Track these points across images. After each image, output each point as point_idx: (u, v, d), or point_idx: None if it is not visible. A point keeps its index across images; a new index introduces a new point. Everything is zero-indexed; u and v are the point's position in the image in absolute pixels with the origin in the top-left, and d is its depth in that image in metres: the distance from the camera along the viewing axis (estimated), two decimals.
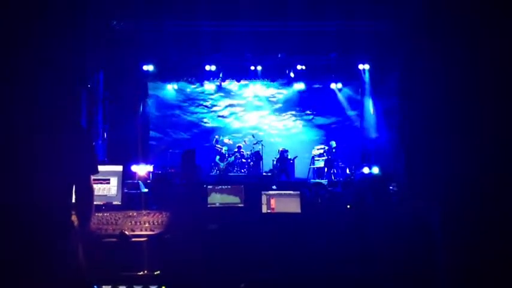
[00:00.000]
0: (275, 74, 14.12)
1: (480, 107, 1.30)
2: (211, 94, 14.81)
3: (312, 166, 13.16)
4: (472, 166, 1.35)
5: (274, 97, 15.00)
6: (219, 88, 14.68)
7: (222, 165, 12.60)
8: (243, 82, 14.45)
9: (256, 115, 14.97)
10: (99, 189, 3.15)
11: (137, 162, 9.23)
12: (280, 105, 15.00)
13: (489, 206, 1.39)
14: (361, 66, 13.21)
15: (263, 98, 14.98)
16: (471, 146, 1.33)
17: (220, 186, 3.90)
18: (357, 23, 10.24)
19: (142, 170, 8.89)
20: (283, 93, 14.96)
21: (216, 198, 3.83)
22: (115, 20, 9.83)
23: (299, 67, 13.21)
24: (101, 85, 10.44)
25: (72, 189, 1.81)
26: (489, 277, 1.40)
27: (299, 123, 14.97)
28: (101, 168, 2.25)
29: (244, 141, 13.83)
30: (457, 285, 1.44)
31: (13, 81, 1.55)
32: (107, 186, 3.24)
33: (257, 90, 14.86)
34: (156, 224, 2.76)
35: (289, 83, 14.46)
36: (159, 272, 2.54)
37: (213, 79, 14.15)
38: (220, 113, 14.91)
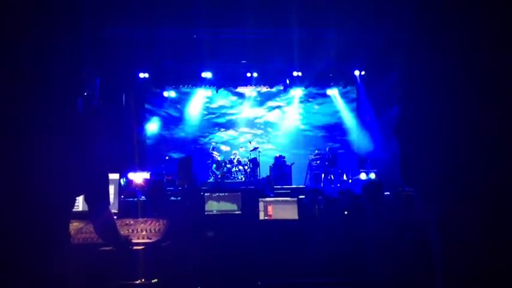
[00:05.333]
0: (271, 81, 14.16)
1: (480, 108, 1.31)
2: (208, 100, 14.82)
3: (309, 172, 13.16)
4: (471, 169, 1.35)
5: (271, 103, 15.01)
6: (215, 94, 14.68)
7: (218, 173, 12.60)
8: (239, 89, 14.50)
9: (252, 121, 14.98)
10: None
11: (134, 170, 9.21)
12: (277, 111, 15.02)
13: (489, 211, 1.39)
14: (357, 72, 13.27)
15: (260, 104, 15.00)
16: (471, 147, 1.33)
17: (217, 194, 3.90)
18: (353, 30, 10.30)
19: (139, 177, 8.87)
20: (279, 99, 14.98)
21: (213, 206, 3.82)
22: (111, 28, 9.85)
23: (295, 73, 13.25)
24: (97, 93, 10.45)
25: (74, 201, 1.80)
26: (490, 284, 1.39)
27: (295, 130, 14.98)
28: None
29: (241, 147, 13.83)
30: None
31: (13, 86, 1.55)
32: None
33: (253, 96, 14.89)
34: (153, 231, 2.74)
35: (285, 89, 14.50)
36: (156, 280, 2.53)
37: (209, 86, 14.17)
38: (217, 120, 14.92)
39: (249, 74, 13.43)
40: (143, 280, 2.50)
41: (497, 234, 1.36)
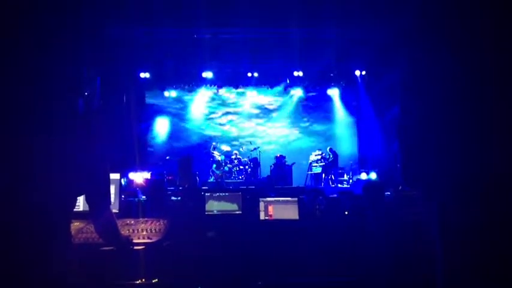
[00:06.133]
0: (272, 81, 14.15)
1: (480, 107, 1.31)
2: (209, 101, 14.81)
3: (309, 172, 13.16)
4: (472, 168, 1.35)
5: (271, 104, 15.01)
6: (216, 95, 14.68)
7: (218, 172, 12.60)
8: (240, 89, 14.49)
9: (253, 121, 14.98)
10: None
11: (135, 170, 9.21)
12: (277, 111, 15.02)
13: (490, 210, 1.39)
14: (357, 72, 13.26)
15: (260, 104, 15.00)
16: (471, 146, 1.33)
17: (217, 194, 3.89)
18: (354, 30, 10.29)
19: (139, 177, 8.87)
20: (280, 99, 14.97)
21: (214, 206, 3.82)
22: (111, 28, 9.85)
23: (296, 73, 13.24)
24: (97, 93, 10.43)
25: (75, 201, 1.81)
26: (490, 283, 1.39)
27: (296, 130, 14.98)
28: None
29: (242, 147, 13.82)
30: None
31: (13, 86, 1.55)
32: None
33: (254, 96, 14.88)
34: (153, 231, 2.74)
35: (285, 89, 14.50)
36: (156, 280, 2.53)
37: (210, 86, 14.16)
38: (218, 120, 14.92)
39: (249, 74, 13.41)
40: (143, 280, 2.50)
41: (498, 233, 1.36)
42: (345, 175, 12.96)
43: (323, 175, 12.59)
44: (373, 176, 11.37)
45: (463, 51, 1.43)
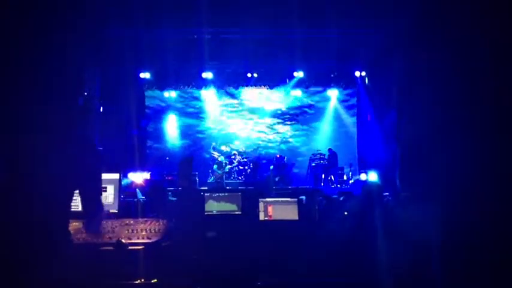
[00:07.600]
0: (272, 81, 14.14)
1: (479, 108, 1.32)
2: (209, 101, 14.78)
3: (309, 172, 13.16)
4: (471, 169, 1.36)
5: (272, 104, 14.98)
6: (216, 95, 14.66)
7: (219, 172, 12.59)
8: (240, 89, 14.48)
9: (253, 122, 14.95)
10: None
11: (134, 170, 9.21)
12: (277, 111, 14.99)
13: (489, 212, 1.39)
14: (357, 73, 13.25)
15: (260, 105, 14.97)
16: (470, 148, 1.34)
17: (217, 194, 3.90)
18: (354, 30, 10.29)
19: (139, 177, 8.87)
20: (280, 99, 14.94)
21: (213, 206, 3.82)
22: (112, 28, 9.84)
23: (296, 74, 13.23)
24: (97, 93, 10.43)
25: (72, 199, 1.81)
26: (489, 283, 1.40)
27: (296, 130, 14.95)
28: None
29: (242, 148, 13.82)
30: None
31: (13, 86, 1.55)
32: (104, 194, 3.23)
33: (254, 96, 14.87)
34: (153, 231, 2.75)
35: (286, 89, 14.48)
36: (156, 280, 2.53)
37: (210, 86, 14.15)
38: (218, 120, 14.88)
39: (249, 74, 13.40)
40: (143, 280, 2.51)
41: (497, 234, 1.36)
42: (345, 176, 12.95)
43: (323, 175, 12.59)
44: (372, 176, 11.36)
45: (461, 53, 1.44)
